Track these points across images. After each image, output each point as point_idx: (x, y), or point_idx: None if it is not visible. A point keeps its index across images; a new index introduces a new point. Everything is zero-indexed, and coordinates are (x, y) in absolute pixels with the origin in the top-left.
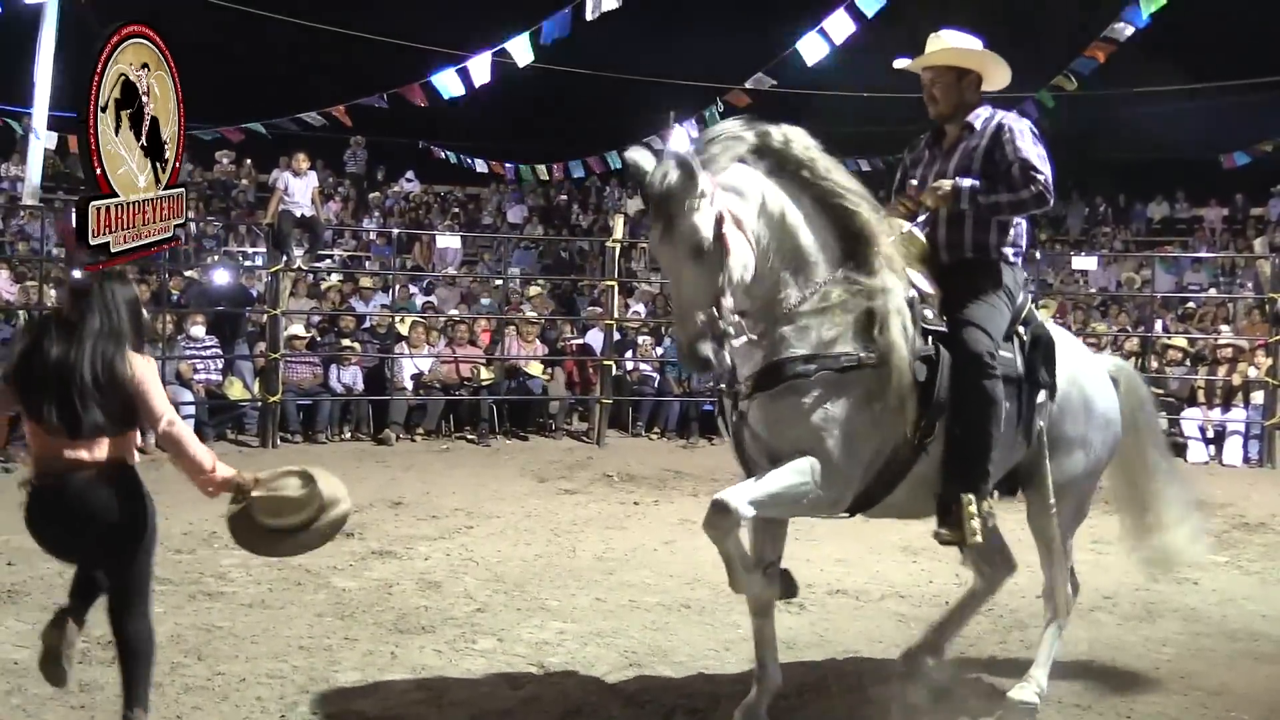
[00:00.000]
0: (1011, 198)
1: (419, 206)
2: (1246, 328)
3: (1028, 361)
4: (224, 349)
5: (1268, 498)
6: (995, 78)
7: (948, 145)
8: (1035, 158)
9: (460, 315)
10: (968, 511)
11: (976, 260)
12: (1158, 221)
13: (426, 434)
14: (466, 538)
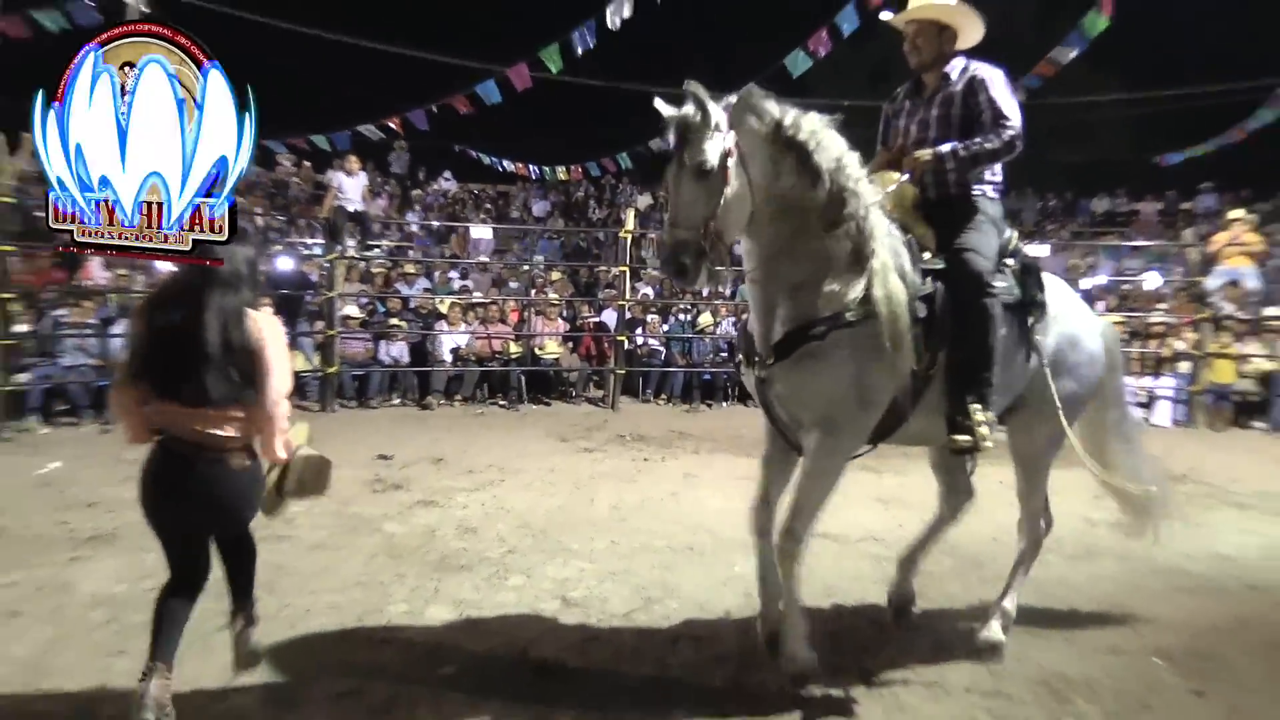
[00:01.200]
0: (988, 147)
1: (455, 202)
2: (1175, 307)
3: (1021, 288)
4: (288, 327)
5: (1191, 453)
6: (971, 33)
7: (927, 94)
8: (1005, 105)
9: (491, 297)
10: (976, 418)
11: (962, 195)
12: (1100, 215)
13: (463, 400)
14: (499, 489)
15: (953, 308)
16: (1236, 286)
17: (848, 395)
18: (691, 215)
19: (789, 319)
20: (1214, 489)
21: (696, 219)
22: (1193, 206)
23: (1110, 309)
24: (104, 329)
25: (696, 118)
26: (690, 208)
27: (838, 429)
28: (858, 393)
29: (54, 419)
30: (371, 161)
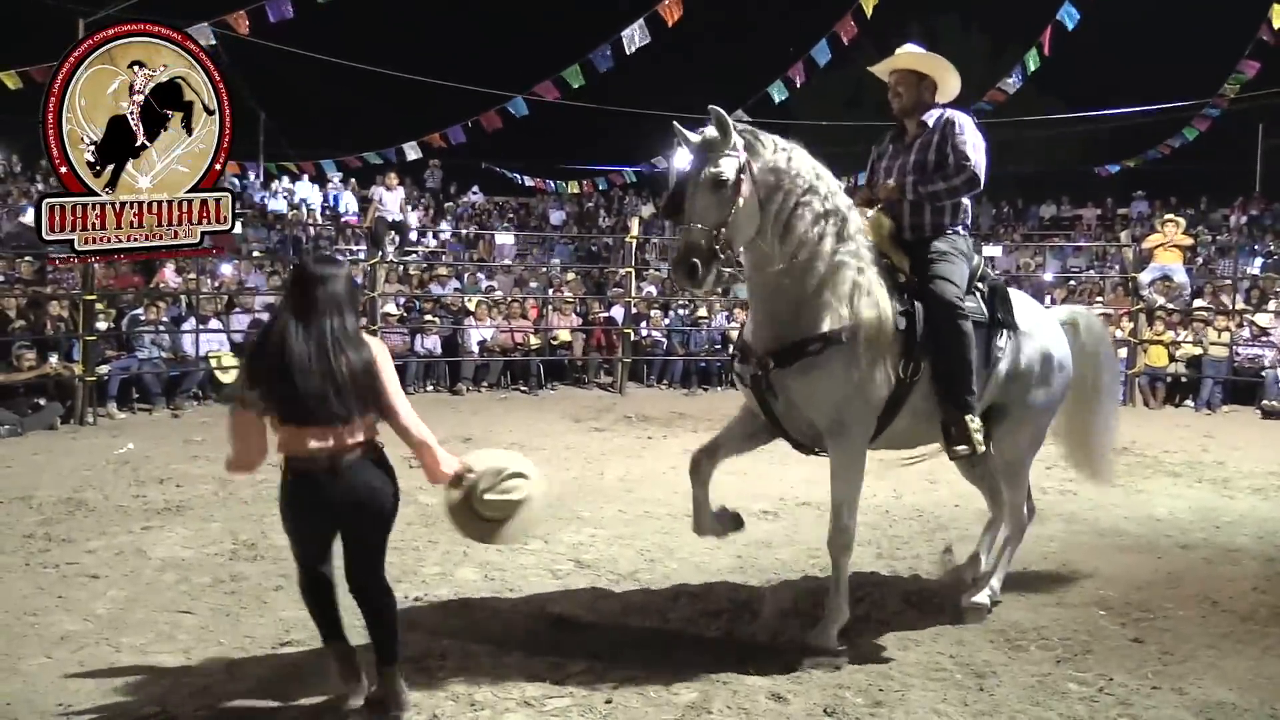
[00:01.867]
0: (946, 185)
1: (483, 213)
2: (1113, 300)
3: (989, 308)
4: None
5: (1130, 429)
6: (949, 85)
7: (908, 140)
8: (969, 148)
9: (514, 296)
10: (969, 428)
11: (934, 236)
12: (1047, 219)
13: (489, 386)
14: None
15: (929, 330)
16: (1167, 281)
17: (853, 396)
18: (705, 219)
19: (791, 330)
20: (1150, 460)
21: (709, 223)
22: (1128, 212)
23: (1059, 301)
24: (175, 326)
25: (717, 136)
26: (704, 212)
27: (848, 429)
28: (861, 394)
29: (130, 405)
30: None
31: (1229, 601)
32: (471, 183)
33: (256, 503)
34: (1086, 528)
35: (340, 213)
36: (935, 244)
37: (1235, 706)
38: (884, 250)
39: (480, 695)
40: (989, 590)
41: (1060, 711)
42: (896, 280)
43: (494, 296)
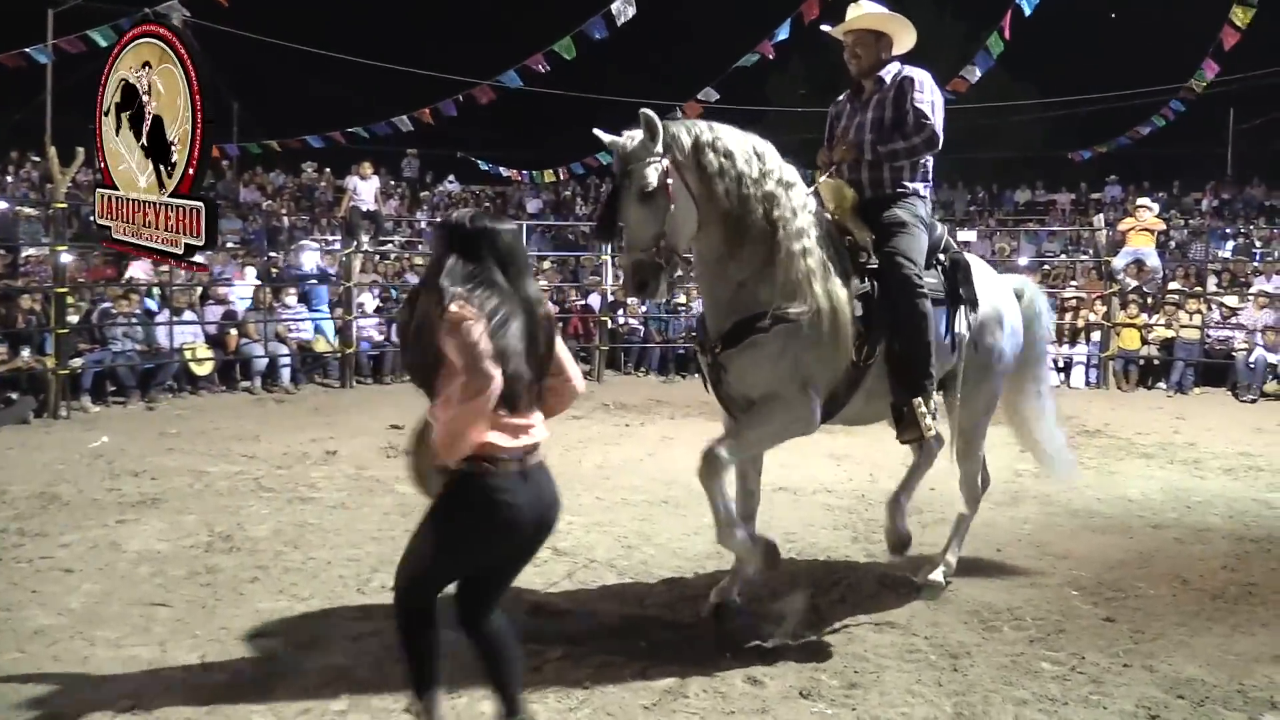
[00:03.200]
0: (905, 144)
1: (459, 202)
2: (1087, 284)
3: (949, 282)
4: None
5: (1103, 411)
6: (904, 40)
7: (865, 98)
8: (928, 106)
9: None
10: (919, 413)
11: (896, 195)
12: (1022, 204)
13: None
14: None
15: (888, 306)
16: (1140, 265)
17: (789, 380)
18: (643, 236)
19: (735, 312)
20: (1123, 442)
21: (648, 239)
22: (1101, 196)
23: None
24: (148, 318)
25: (636, 143)
26: (641, 229)
27: (781, 399)
28: (798, 378)
29: (104, 399)
30: (385, 168)
31: (1199, 580)
32: (448, 172)
33: (232, 495)
34: (1060, 509)
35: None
36: (896, 212)
37: (1204, 683)
38: (844, 224)
39: (458, 688)
40: (944, 566)
41: (1033, 690)
42: (856, 259)
43: None
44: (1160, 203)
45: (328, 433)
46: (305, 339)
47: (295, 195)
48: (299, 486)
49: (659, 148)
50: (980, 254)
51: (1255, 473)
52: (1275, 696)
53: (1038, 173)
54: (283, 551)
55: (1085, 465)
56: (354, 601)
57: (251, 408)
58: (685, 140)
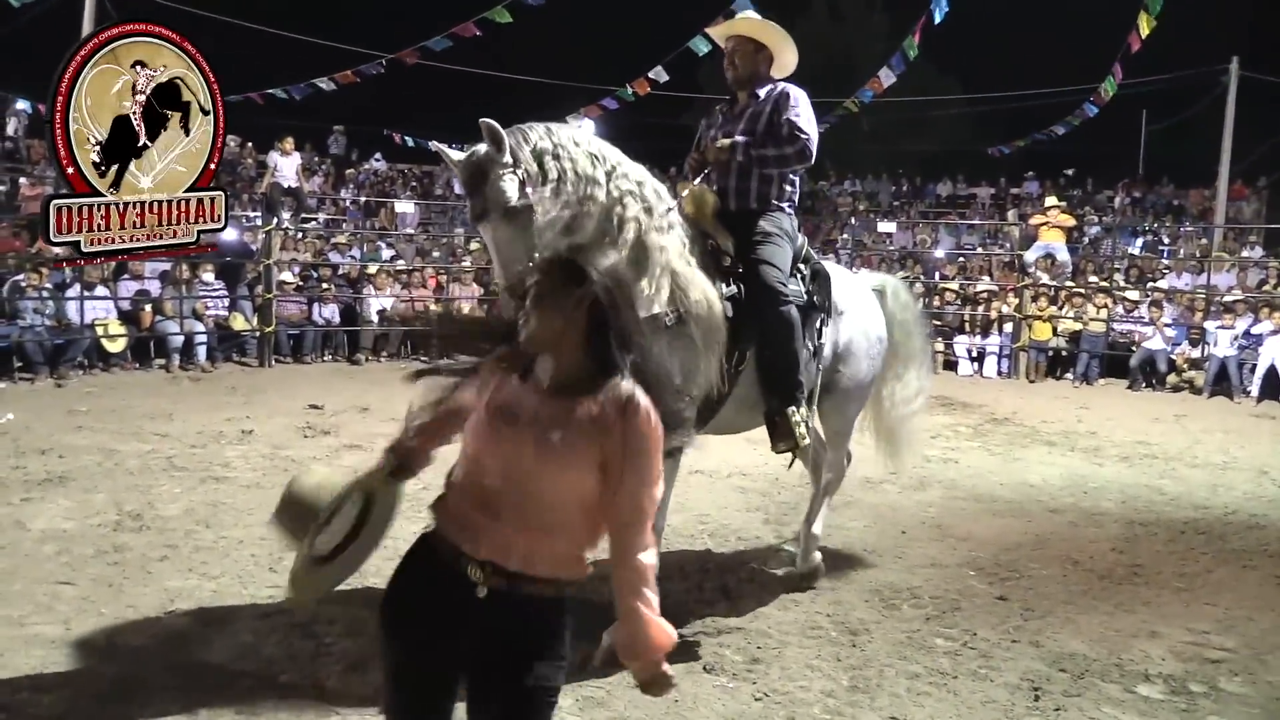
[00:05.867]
0: (777, 152)
1: (385, 180)
2: (1001, 276)
3: (809, 291)
4: (229, 290)
5: (1012, 400)
6: (786, 57)
7: (738, 111)
8: (803, 121)
9: (415, 266)
10: (792, 422)
11: (760, 210)
12: (944, 197)
13: (389, 356)
14: None
15: (753, 316)
16: (1050, 259)
17: None
18: (515, 257)
19: None
20: (1028, 429)
21: (520, 259)
22: (1020, 192)
23: (952, 278)
24: (59, 293)
25: (483, 155)
26: (510, 249)
27: None
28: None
29: (11, 375)
30: (309, 143)
31: (1089, 561)
32: (374, 149)
33: (143, 474)
34: (964, 493)
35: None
36: (761, 223)
37: (1085, 657)
38: (706, 229)
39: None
40: (814, 539)
41: (926, 665)
42: (720, 263)
43: (394, 266)
44: (1076, 199)
45: (244, 412)
46: (222, 317)
47: None
48: (213, 466)
49: (507, 158)
50: (901, 245)
51: (1150, 460)
52: (1150, 669)
53: (960, 167)
54: (194, 530)
55: (991, 452)
56: (266, 580)
57: (166, 386)
58: (525, 151)
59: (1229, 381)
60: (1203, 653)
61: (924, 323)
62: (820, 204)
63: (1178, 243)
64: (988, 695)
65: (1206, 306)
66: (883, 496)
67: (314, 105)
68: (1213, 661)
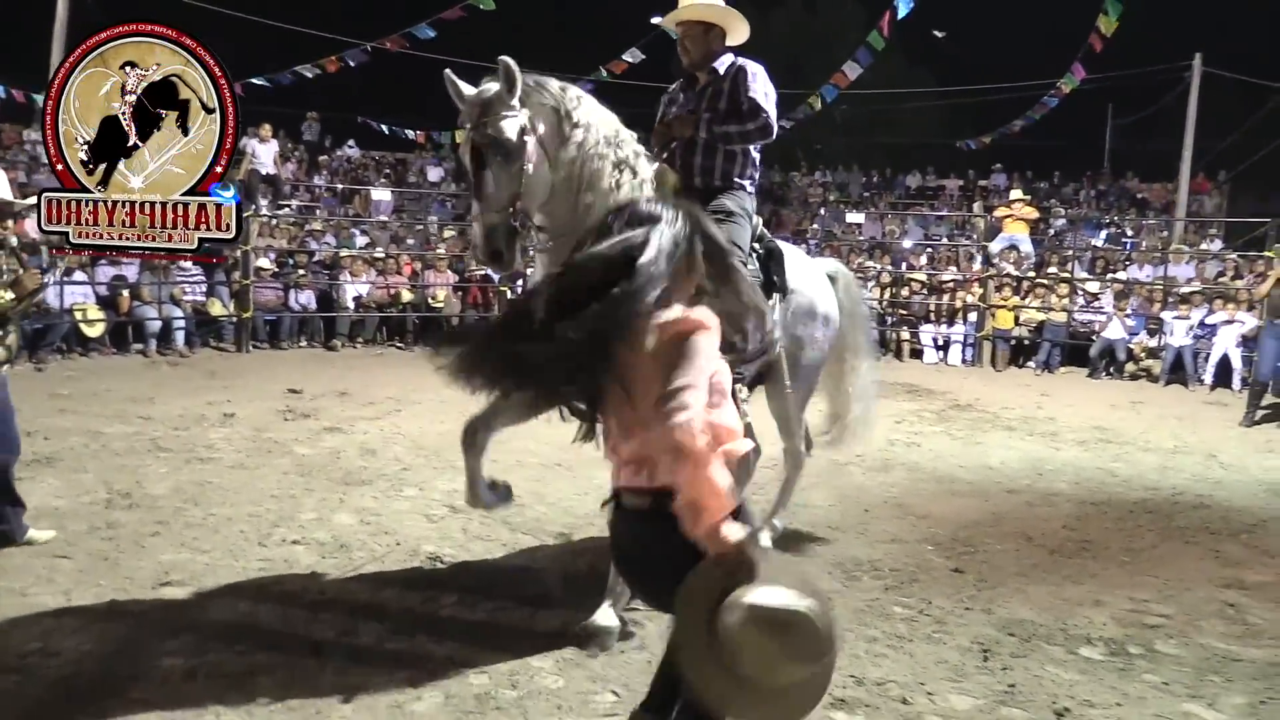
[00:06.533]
0: (740, 128)
1: (359, 167)
2: (968, 267)
3: (764, 271)
4: (207, 277)
5: (976, 387)
6: (737, 32)
7: (699, 89)
8: (762, 97)
9: (390, 252)
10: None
11: (723, 187)
12: (913, 189)
13: (365, 342)
14: (396, 417)
15: None
16: (1014, 250)
17: None
18: (499, 196)
19: None
20: (990, 415)
21: (504, 200)
22: (988, 184)
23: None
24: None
25: (493, 93)
26: (496, 188)
27: None
28: None
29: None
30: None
31: (1041, 537)
32: (348, 136)
33: (129, 455)
34: (926, 475)
35: None
36: (724, 201)
37: (1033, 623)
38: None
39: (362, 627)
40: (771, 528)
41: (884, 630)
42: None
43: (372, 253)
44: (1042, 192)
45: (224, 396)
46: (200, 302)
47: None
48: (197, 447)
49: (516, 101)
50: (870, 235)
51: (1105, 444)
52: (1092, 634)
53: (930, 159)
54: (183, 508)
55: (953, 436)
56: (256, 554)
57: (145, 370)
58: (545, 100)
59: (1185, 370)
60: (1142, 619)
61: (869, 317)
62: (791, 194)
63: (1140, 235)
64: (940, 656)
65: (1164, 297)
66: (849, 478)
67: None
68: (1151, 626)
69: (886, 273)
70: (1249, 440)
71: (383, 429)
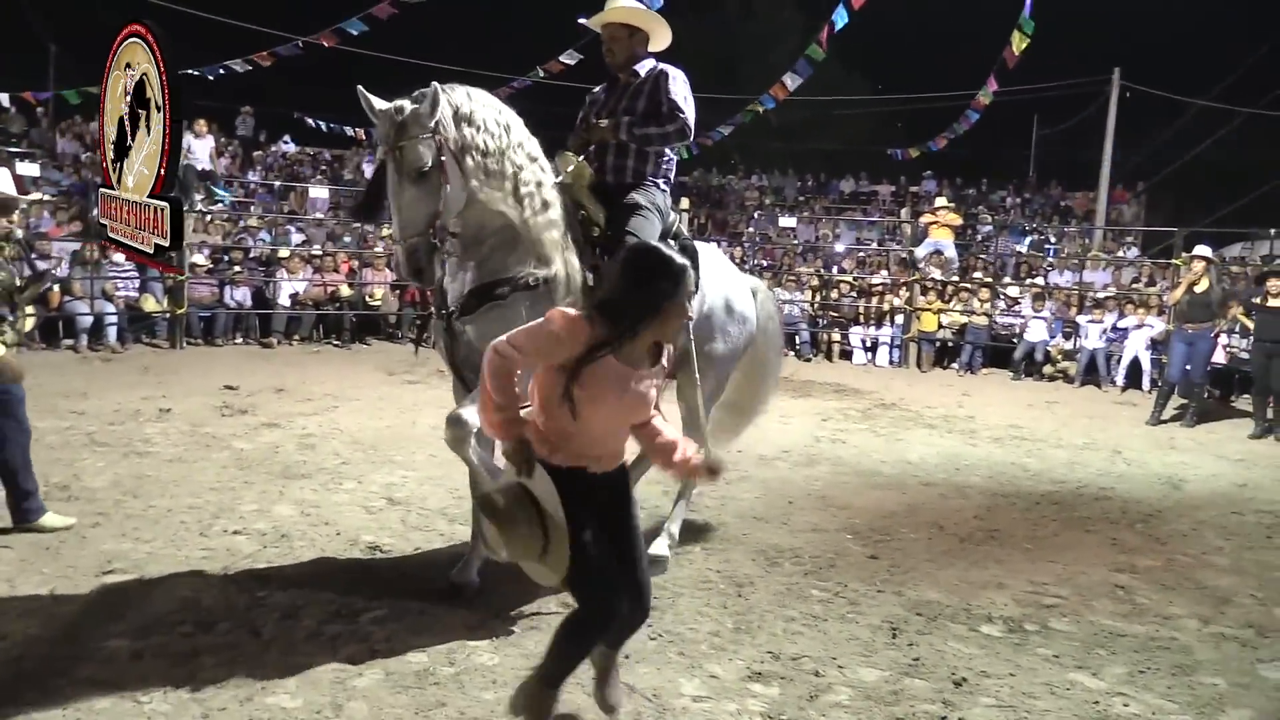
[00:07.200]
0: (659, 130)
1: (295, 163)
2: (897, 271)
3: None
4: (140, 272)
5: (901, 387)
6: (660, 37)
7: (619, 89)
8: (681, 100)
9: (327, 250)
10: None
11: (635, 184)
12: (847, 194)
13: (301, 339)
14: (334, 413)
15: None
16: (939, 255)
17: None
18: (417, 219)
19: (476, 279)
20: (912, 414)
21: (423, 221)
22: (919, 190)
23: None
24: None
25: (410, 115)
26: (416, 209)
27: None
28: None
29: None
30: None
31: (953, 527)
32: (284, 131)
33: (65, 449)
34: (849, 469)
35: None
36: (635, 196)
37: (939, 603)
38: (579, 200)
39: (304, 611)
40: (667, 538)
41: (801, 610)
42: (589, 234)
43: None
44: (970, 198)
45: (159, 391)
46: (133, 298)
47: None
48: (134, 441)
49: (433, 123)
50: (805, 239)
51: (1019, 441)
52: (993, 613)
53: (863, 164)
54: (122, 500)
55: (877, 433)
56: (198, 544)
57: (77, 365)
58: (448, 114)
59: (1098, 372)
60: (1040, 600)
61: (781, 337)
62: (727, 197)
63: (1062, 242)
64: (852, 634)
65: (1080, 302)
66: (774, 471)
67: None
68: (1047, 606)
69: (817, 276)
70: (1153, 437)
71: (320, 424)
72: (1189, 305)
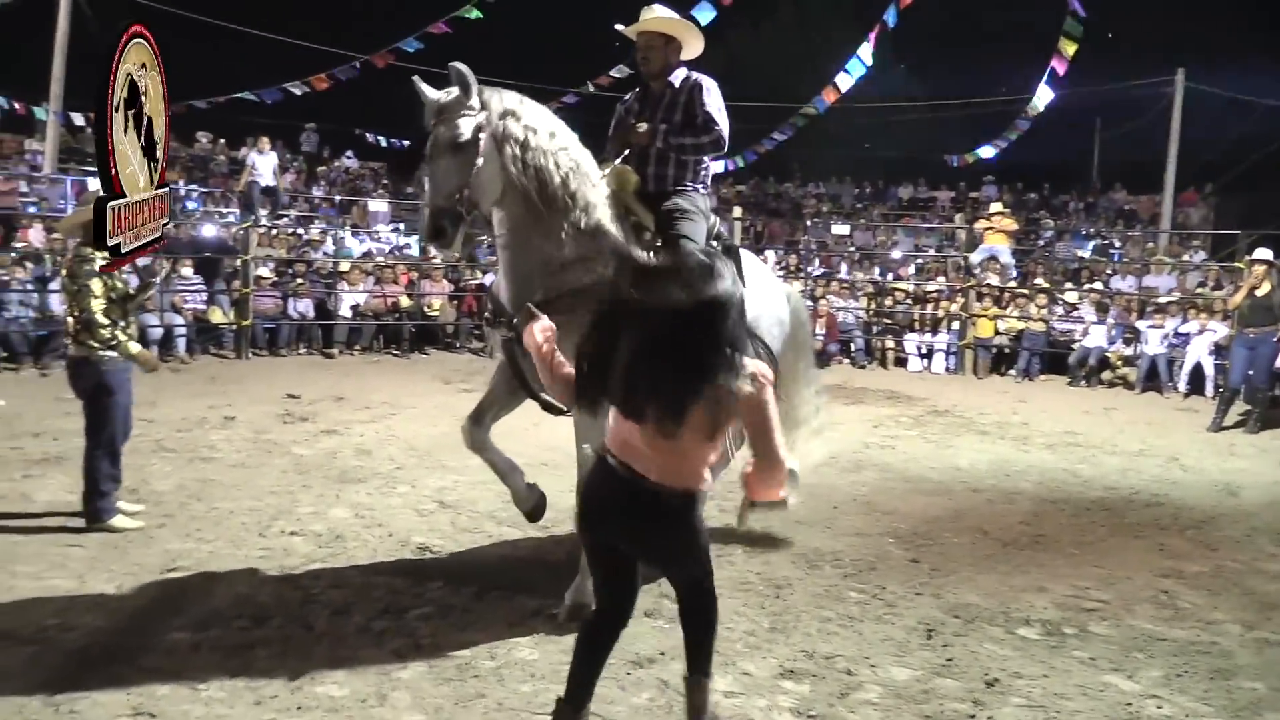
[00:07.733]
0: (694, 141)
1: (357, 178)
2: (955, 278)
3: None
4: (208, 285)
5: (956, 394)
6: (693, 46)
7: (654, 99)
8: (716, 111)
9: (387, 262)
10: None
11: (677, 190)
12: (905, 200)
13: (362, 349)
14: (390, 421)
15: None
16: (995, 261)
17: None
18: (446, 184)
19: (542, 284)
20: (965, 420)
21: (450, 188)
22: (979, 195)
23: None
24: (42, 286)
25: (453, 97)
26: (445, 177)
27: None
28: None
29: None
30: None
31: (998, 532)
32: (346, 147)
33: (134, 454)
34: (896, 475)
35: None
36: (677, 200)
37: (977, 606)
38: (628, 205)
39: (354, 608)
40: None
41: (838, 611)
42: (641, 237)
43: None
44: (1032, 203)
45: (225, 400)
46: (200, 310)
47: (188, 165)
48: (199, 448)
49: (473, 102)
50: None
51: (1072, 448)
52: (1032, 616)
53: (922, 170)
54: (187, 503)
55: (927, 440)
56: (256, 544)
57: (147, 376)
58: (496, 105)
59: (1160, 378)
60: (1080, 604)
61: (811, 343)
62: (784, 205)
63: (1127, 247)
64: (887, 634)
65: (1141, 307)
66: (820, 477)
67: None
68: (1087, 610)
69: (872, 283)
70: (1213, 444)
71: (378, 431)
72: (1250, 309)
